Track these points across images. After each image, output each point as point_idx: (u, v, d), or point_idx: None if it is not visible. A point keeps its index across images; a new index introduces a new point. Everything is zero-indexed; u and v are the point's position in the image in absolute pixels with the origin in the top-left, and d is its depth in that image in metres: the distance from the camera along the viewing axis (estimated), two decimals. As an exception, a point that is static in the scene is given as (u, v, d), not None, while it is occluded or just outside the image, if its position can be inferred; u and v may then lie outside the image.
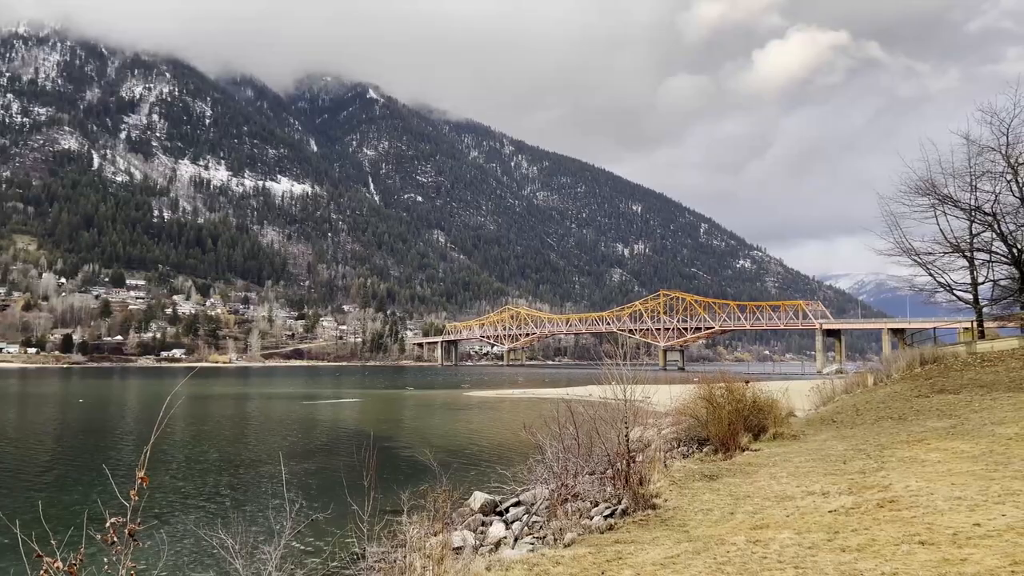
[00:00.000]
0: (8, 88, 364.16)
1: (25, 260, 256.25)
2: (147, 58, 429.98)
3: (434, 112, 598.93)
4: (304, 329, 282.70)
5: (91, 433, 48.75)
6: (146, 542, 13.91)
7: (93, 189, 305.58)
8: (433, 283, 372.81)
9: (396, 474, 26.90)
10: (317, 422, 56.25)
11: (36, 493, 26.52)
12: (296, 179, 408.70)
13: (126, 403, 78.79)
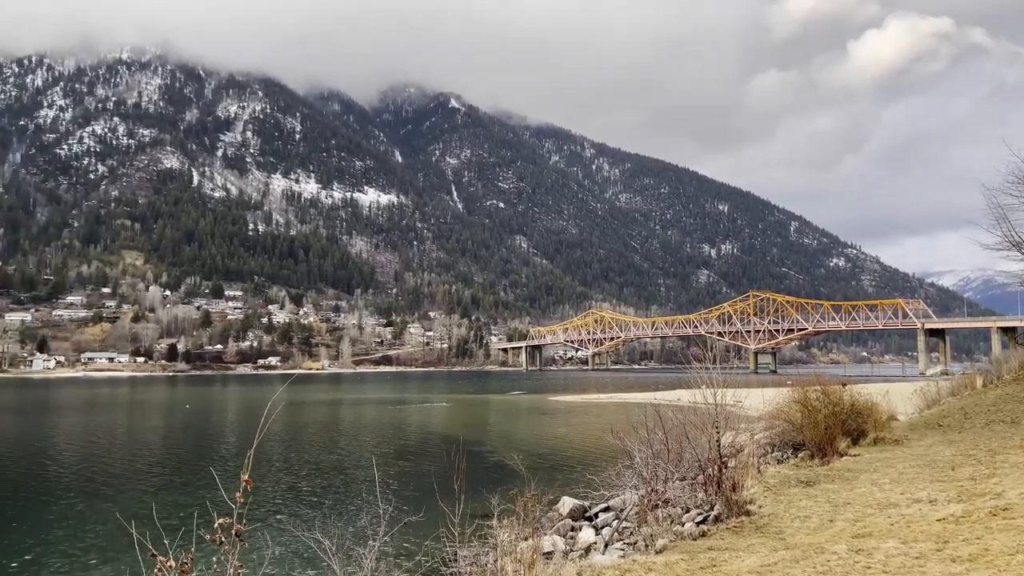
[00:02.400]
0: (114, 112, 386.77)
1: (133, 274, 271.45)
2: (241, 78, 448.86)
3: (514, 118, 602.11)
4: (392, 336, 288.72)
5: (197, 437, 51.17)
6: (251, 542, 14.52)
7: (193, 205, 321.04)
8: (516, 288, 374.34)
9: (484, 478, 27.14)
10: (407, 426, 57.32)
11: (149, 494, 28.02)
12: (382, 190, 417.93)
13: (227, 409, 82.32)
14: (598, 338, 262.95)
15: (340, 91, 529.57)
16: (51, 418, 67.56)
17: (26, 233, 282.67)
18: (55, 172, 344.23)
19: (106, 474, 33.23)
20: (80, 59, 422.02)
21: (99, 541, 21.35)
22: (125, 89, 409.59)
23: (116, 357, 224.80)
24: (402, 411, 72.21)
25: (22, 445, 46.81)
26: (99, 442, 47.27)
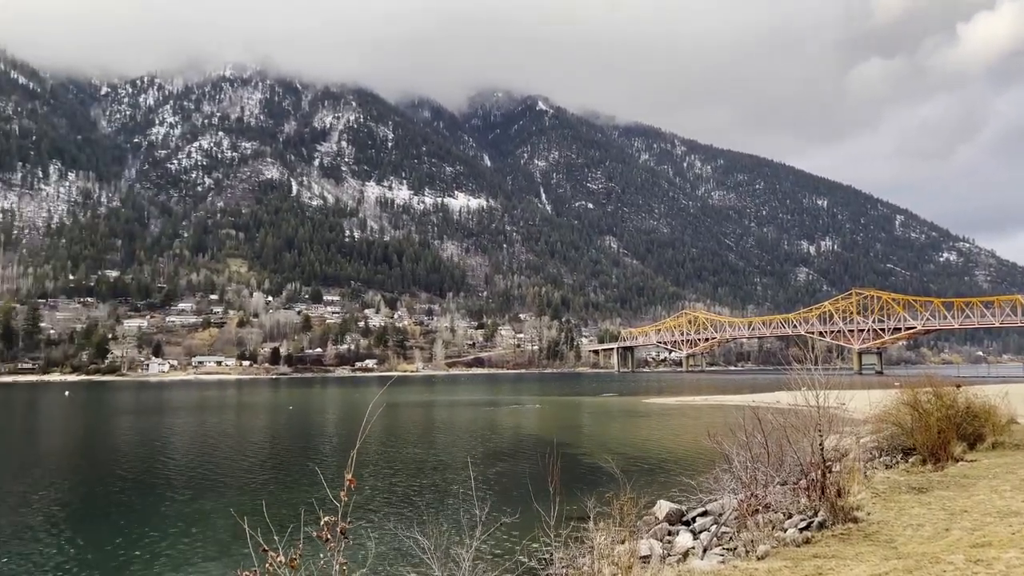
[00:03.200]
0: (219, 127, 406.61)
1: (238, 281, 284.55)
2: (335, 90, 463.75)
3: (602, 118, 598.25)
4: (484, 338, 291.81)
5: (301, 437, 53.14)
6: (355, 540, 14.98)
7: (293, 214, 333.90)
8: (607, 289, 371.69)
9: (579, 480, 27.07)
10: (499, 427, 57.80)
11: (259, 492, 29.31)
12: (472, 194, 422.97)
13: (328, 410, 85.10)
14: (692, 339, 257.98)
15: (430, 98, 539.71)
16: (167, 419, 71.55)
17: (141, 244, 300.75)
18: (166, 186, 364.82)
19: (219, 472, 34.95)
20: (187, 78, 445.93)
21: (214, 535, 22.48)
22: (228, 105, 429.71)
23: (223, 360, 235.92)
24: (494, 412, 72.86)
25: (142, 444, 49.78)
26: (211, 442, 49.77)
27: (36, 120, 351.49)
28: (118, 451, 46.08)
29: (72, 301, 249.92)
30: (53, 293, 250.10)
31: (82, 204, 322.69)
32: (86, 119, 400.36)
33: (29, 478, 34.23)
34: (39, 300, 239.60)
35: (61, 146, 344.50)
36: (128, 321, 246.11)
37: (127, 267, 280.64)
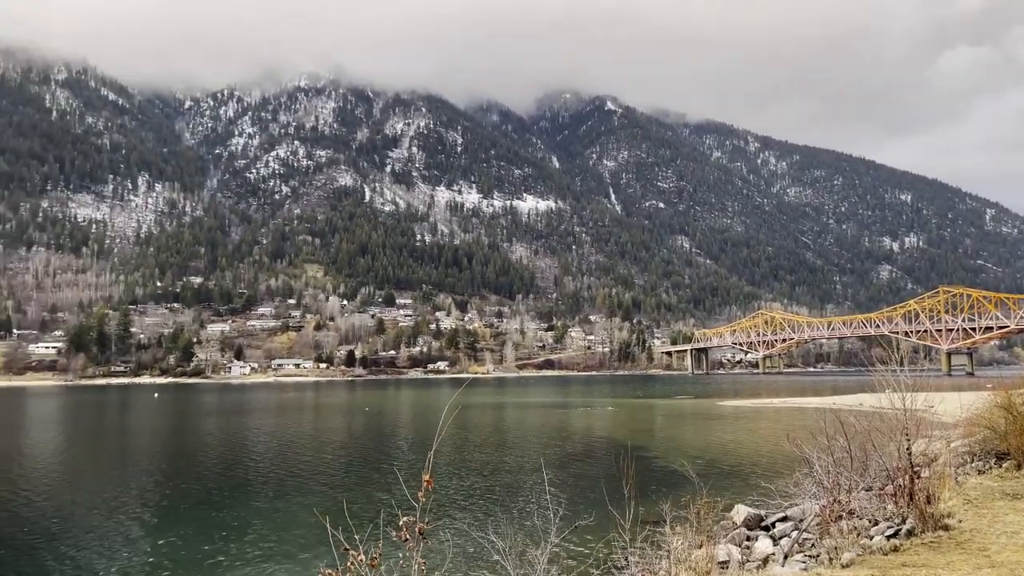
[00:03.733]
0: (295, 136, 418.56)
1: (315, 286, 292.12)
2: (406, 96, 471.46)
3: (672, 116, 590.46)
4: (554, 340, 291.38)
5: (379, 438, 54.18)
6: (432, 540, 15.20)
7: (366, 220, 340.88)
8: (679, 290, 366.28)
9: (653, 483, 26.77)
10: (572, 430, 57.64)
11: (340, 491, 30.04)
12: (540, 196, 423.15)
13: (402, 411, 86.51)
14: (768, 340, 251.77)
15: (498, 102, 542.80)
16: (249, 419, 73.99)
17: (223, 251, 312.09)
18: (246, 194, 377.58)
19: (300, 472, 35.96)
20: (265, 89, 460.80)
21: (297, 533, 23.13)
22: (303, 114, 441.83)
23: (301, 363, 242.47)
24: (566, 415, 72.71)
25: (227, 444, 51.61)
26: (292, 442, 51.24)
27: (125, 135, 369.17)
28: (204, 451, 47.90)
29: (160, 307, 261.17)
30: (142, 299, 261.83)
31: (168, 214, 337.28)
32: (171, 132, 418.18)
33: (123, 477, 35.94)
34: (130, 306, 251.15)
35: (148, 159, 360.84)
36: (212, 325, 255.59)
37: (210, 273, 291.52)
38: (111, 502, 28.99)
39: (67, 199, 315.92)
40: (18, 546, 22.32)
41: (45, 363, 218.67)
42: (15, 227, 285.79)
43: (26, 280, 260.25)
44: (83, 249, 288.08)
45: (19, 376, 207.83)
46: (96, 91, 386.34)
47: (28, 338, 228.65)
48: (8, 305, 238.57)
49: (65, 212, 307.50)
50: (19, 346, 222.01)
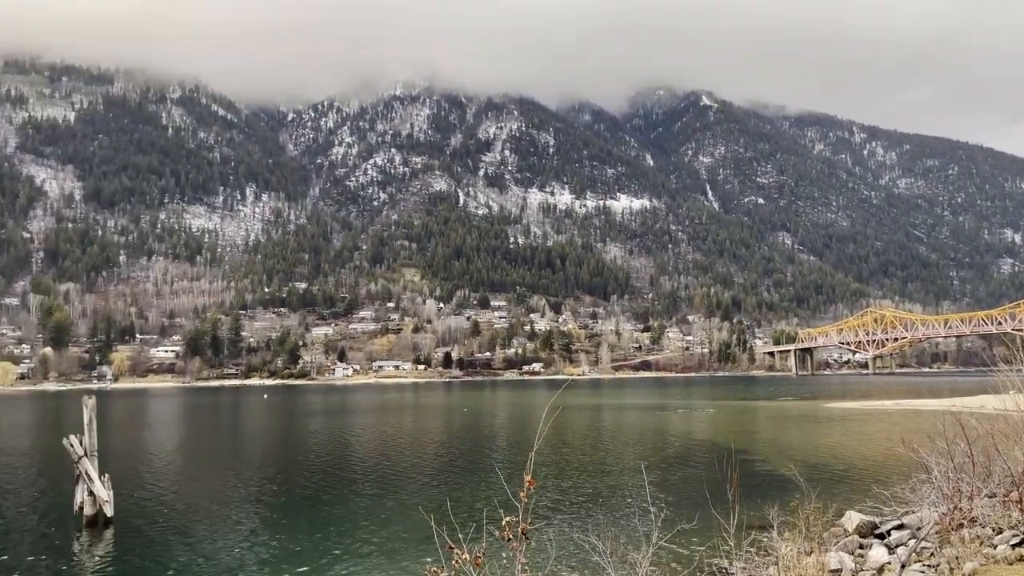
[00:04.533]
0: (391, 143, 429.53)
1: (412, 289, 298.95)
2: (498, 100, 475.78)
3: (770, 108, 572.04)
4: (650, 341, 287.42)
5: (478, 438, 54.95)
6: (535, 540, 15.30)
7: (460, 223, 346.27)
8: (781, 288, 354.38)
9: (758, 487, 26.07)
10: (671, 432, 56.78)
11: (443, 491, 30.68)
12: (634, 195, 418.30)
13: (500, 412, 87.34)
14: (878, 339, 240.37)
15: (590, 102, 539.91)
16: (354, 419, 76.40)
17: (325, 257, 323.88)
18: (346, 202, 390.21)
19: (403, 470, 36.90)
20: (362, 99, 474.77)
21: (401, 531, 23.78)
22: (399, 122, 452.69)
23: (400, 364, 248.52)
24: (665, 416, 71.66)
25: (333, 443, 53.48)
26: (395, 441, 52.62)
27: (234, 148, 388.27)
28: (312, 449, 49.78)
29: (267, 311, 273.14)
30: (251, 304, 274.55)
31: (274, 222, 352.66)
32: (275, 144, 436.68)
33: (238, 473, 37.81)
34: (240, 311, 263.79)
35: (255, 170, 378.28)
36: (316, 329, 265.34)
37: (314, 279, 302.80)
38: (228, 496, 30.56)
39: (182, 211, 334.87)
40: (149, 535, 23.86)
41: (165, 366, 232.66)
42: (136, 238, 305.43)
43: (147, 288, 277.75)
44: (197, 257, 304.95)
45: (142, 378, 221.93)
46: (207, 107, 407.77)
47: (149, 342, 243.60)
48: (132, 312, 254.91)
49: (181, 223, 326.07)
50: (142, 350, 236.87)
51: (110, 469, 27.83)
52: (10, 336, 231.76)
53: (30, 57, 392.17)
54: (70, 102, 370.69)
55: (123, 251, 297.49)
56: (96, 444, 26.40)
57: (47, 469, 38.92)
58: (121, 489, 28.19)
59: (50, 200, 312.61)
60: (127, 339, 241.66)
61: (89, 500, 25.38)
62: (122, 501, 27.15)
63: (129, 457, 44.56)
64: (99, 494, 25.30)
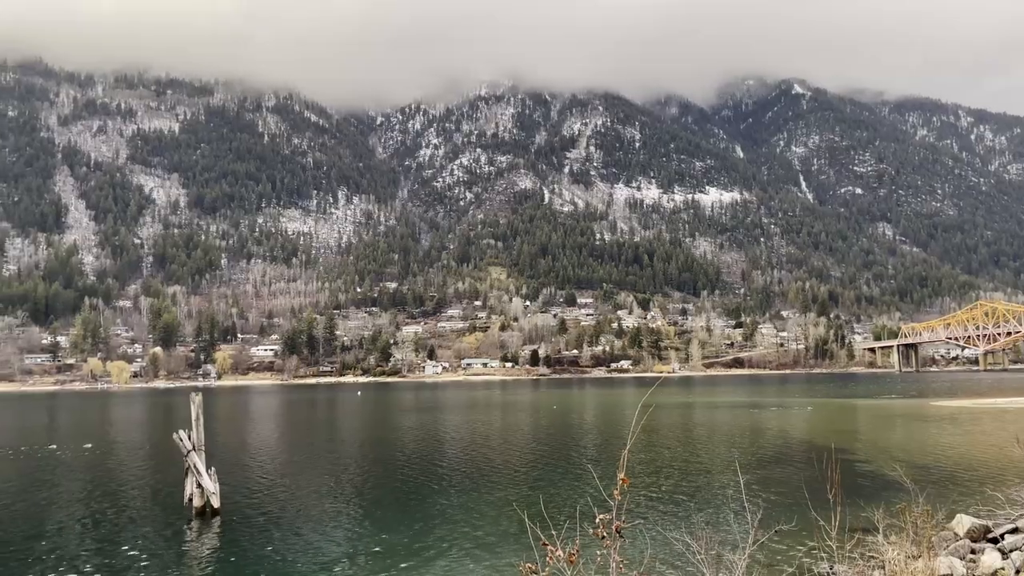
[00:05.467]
0: (477, 144, 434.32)
1: (498, 288, 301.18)
2: (583, 96, 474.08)
3: (867, 94, 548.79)
4: (743, 337, 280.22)
5: (569, 435, 54.92)
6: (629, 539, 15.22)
7: (545, 221, 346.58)
8: (881, 281, 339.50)
9: (860, 489, 25.08)
10: (766, 430, 55.28)
11: (535, 487, 30.85)
12: (724, 188, 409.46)
13: (588, 410, 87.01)
14: (990, 334, 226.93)
15: (677, 94, 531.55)
16: (445, 416, 77.67)
17: (414, 257, 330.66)
18: (433, 203, 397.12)
19: (495, 467, 37.29)
20: (448, 101, 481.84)
21: (494, 526, 24.03)
22: (484, 122, 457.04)
23: (488, 362, 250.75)
24: (759, 415, 69.79)
25: (425, 439, 54.50)
26: (486, 438, 53.21)
27: (326, 152, 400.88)
28: (405, 445, 50.90)
29: (360, 311, 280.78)
30: (344, 304, 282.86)
31: (365, 224, 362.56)
32: (365, 148, 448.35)
33: (336, 467, 39.04)
34: (334, 311, 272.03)
35: (347, 174, 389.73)
36: (406, 327, 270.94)
37: (403, 279, 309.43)
38: (327, 490, 31.62)
39: (279, 215, 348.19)
40: (253, 525, 24.96)
41: (264, 364, 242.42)
42: (236, 242, 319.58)
43: (247, 289, 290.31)
44: (293, 259, 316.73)
45: (243, 376, 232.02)
46: (300, 114, 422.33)
47: (250, 342, 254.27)
48: (233, 312, 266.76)
49: (277, 227, 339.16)
50: (243, 349, 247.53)
51: (216, 462, 29.20)
52: (124, 336, 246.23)
53: (138, 72, 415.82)
54: (174, 114, 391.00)
55: (224, 254, 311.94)
56: (203, 439, 27.78)
57: (160, 462, 41.21)
58: (226, 482, 29.56)
59: (158, 207, 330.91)
60: (229, 338, 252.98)
61: (197, 492, 26.73)
62: (228, 493, 28.46)
63: (234, 451, 46.67)
64: (206, 486, 26.61)
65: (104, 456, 45.92)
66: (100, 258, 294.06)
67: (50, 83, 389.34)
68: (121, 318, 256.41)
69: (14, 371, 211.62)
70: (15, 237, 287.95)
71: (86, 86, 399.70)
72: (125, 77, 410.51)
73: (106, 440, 56.86)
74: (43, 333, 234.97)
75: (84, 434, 60.78)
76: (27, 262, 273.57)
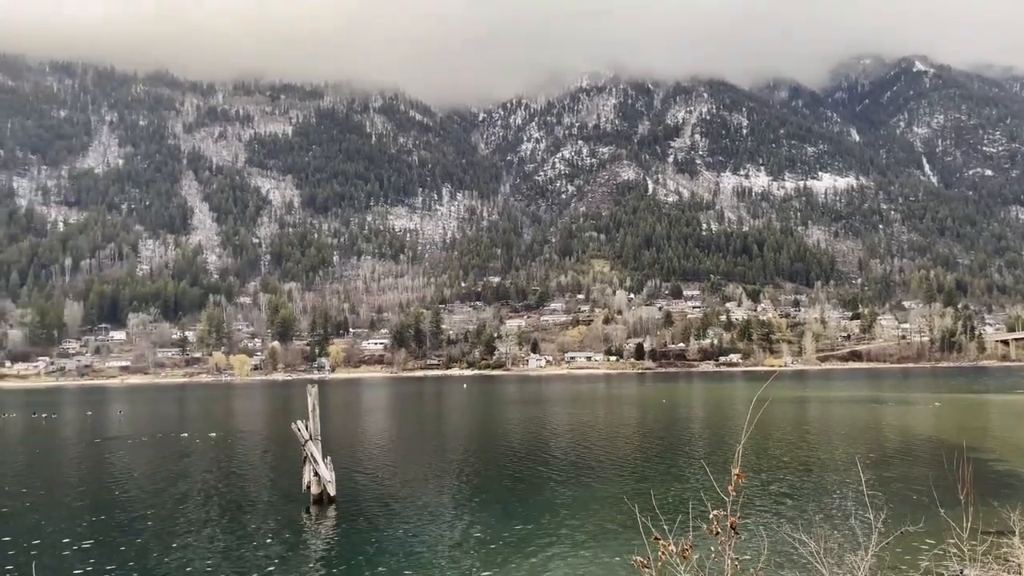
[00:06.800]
0: (578, 136, 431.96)
1: (601, 281, 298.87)
2: (687, 84, 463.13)
3: (996, 70, 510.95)
4: (860, 329, 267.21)
5: (678, 429, 54.12)
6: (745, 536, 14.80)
7: (649, 212, 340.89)
8: (1016, 269, 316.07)
9: (995, 489, 23.53)
10: (888, 427, 52.63)
11: (645, 481, 30.56)
12: (839, 173, 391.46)
13: (697, 404, 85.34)
14: None
15: (786, 77, 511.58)
16: (550, 409, 77.96)
17: (516, 251, 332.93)
18: (535, 197, 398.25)
19: (604, 460, 37.15)
20: (549, 94, 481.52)
21: (603, 520, 23.93)
22: (586, 114, 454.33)
23: (592, 356, 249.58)
24: (880, 411, 66.48)
25: (531, 431, 54.87)
26: (593, 431, 53.08)
27: (430, 150, 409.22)
28: (512, 436, 51.40)
29: (465, 305, 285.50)
30: (450, 299, 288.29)
31: (468, 220, 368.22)
32: (468, 144, 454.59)
33: (444, 458, 39.89)
34: (440, 305, 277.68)
35: (450, 170, 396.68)
36: (509, 321, 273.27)
37: (506, 273, 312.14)
38: (437, 479, 32.33)
39: (386, 212, 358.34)
40: (367, 513, 25.85)
41: (375, 357, 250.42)
42: (347, 239, 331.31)
43: (357, 285, 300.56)
44: (400, 256, 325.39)
45: (355, 369, 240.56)
46: (405, 114, 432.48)
47: (361, 335, 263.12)
48: (345, 307, 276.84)
49: (385, 224, 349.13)
50: (354, 343, 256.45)
51: (331, 452, 30.37)
52: (245, 331, 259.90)
53: (254, 79, 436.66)
54: (288, 117, 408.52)
55: (336, 252, 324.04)
56: (319, 429, 28.95)
57: (279, 450, 43.27)
58: (341, 470, 30.70)
59: (274, 208, 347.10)
60: (341, 333, 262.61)
61: (315, 480, 27.89)
62: (343, 481, 29.55)
63: (348, 441, 48.45)
64: (323, 475, 27.73)
65: (229, 444, 48.67)
66: (222, 257, 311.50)
67: (176, 93, 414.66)
68: (242, 314, 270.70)
69: (148, 364, 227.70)
70: (147, 239, 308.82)
71: (208, 94, 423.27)
72: (243, 84, 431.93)
73: (230, 429, 60.25)
74: (173, 328, 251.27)
75: (210, 423, 64.61)
76: (158, 262, 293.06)
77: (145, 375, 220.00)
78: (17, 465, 41.83)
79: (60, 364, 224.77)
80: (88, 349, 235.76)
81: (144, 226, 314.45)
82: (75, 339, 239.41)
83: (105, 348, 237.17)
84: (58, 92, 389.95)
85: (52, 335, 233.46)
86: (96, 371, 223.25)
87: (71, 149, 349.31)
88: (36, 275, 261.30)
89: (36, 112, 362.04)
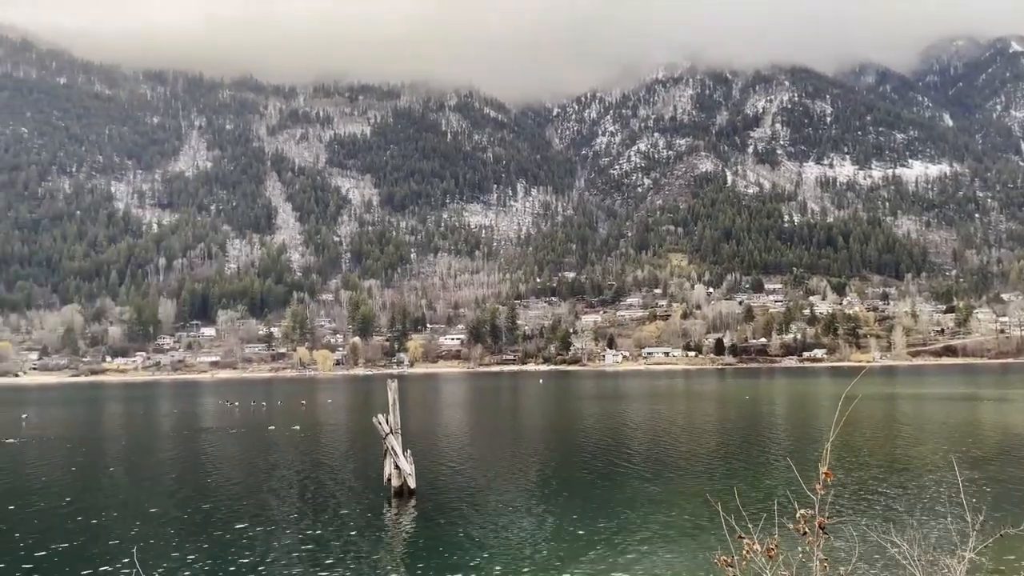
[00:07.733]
0: (654, 128, 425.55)
1: (679, 275, 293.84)
2: (767, 72, 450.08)
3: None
4: (954, 323, 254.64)
5: (762, 426, 52.87)
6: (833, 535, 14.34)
7: (729, 204, 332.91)
8: None
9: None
10: (986, 425, 50.11)
11: (728, 479, 30.05)
12: (930, 160, 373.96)
13: (781, 400, 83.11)
14: None
15: (873, 62, 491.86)
16: (628, 405, 77.30)
17: (592, 246, 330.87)
18: (610, 191, 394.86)
19: (685, 456, 36.65)
20: (624, 87, 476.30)
21: (684, 518, 23.63)
22: (662, 106, 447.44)
23: (670, 351, 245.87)
24: (976, 408, 63.38)
25: (610, 427, 54.52)
26: (673, 427, 52.40)
27: (504, 146, 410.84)
28: (590, 432, 51.24)
29: (539, 301, 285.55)
30: (525, 294, 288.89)
31: (543, 215, 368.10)
32: (542, 139, 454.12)
33: (521, 452, 40.07)
34: (515, 301, 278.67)
35: (525, 166, 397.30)
36: (585, 316, 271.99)
37: (581, 268, 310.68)
38: (514, 473, 32.53)
39: (462, 209, 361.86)
40: (447, 506, 26.22)
41: (452, 352, 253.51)
42: (424, 237, 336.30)
43: (434, 282, 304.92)
44: (476, 252, 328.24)
45: (433, 364, 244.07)
46: (480, 111, 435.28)
47: (438, 331, 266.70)
48: (422, 304, 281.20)
49: (461, 221, 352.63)
50: (432, 338, 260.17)
51: (411, 445, 30.92)
52: (327, 327, 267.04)
53: (333, 80, 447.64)
54: (366, 118, 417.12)
55: (413, 249, 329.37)
56: (399, 422, 29.51)
57: (361, 443, 44.31)
58: (421, 463, 31.22)
59: (353, 207, 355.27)
60: (419, 328, 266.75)
61: (395, 473, 28.46)
62: (422, 474, 30.06)
63: (427, 435, 49.23)
64: (403, 468, 28.27)
65: (312, 437, 50.15)
66: (305, 255, 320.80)
67: (259, 97, 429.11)
68: (324, 310, 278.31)
69: (236, 359, 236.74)
70: (234, 239, 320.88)
71: (289, 97, 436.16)
72: (322, 86, 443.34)
73: (314, 422, 62.05)
74: (259, 325, 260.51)
75: (294, 417, 66.68)
76: (244, 261, 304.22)
77: (233, 370, 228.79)
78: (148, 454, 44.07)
79: (155, 359, 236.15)
80: (181, 345, 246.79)
81: (231, 226, 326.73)
82: (169, 335, 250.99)
83: (196, 344, 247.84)
84: (151, 99, 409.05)
85: (148, 332, 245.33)
86: (188, 366, 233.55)
87: (163, 153, 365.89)
88: (133, 274, 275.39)
89: (131, 119, 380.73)
